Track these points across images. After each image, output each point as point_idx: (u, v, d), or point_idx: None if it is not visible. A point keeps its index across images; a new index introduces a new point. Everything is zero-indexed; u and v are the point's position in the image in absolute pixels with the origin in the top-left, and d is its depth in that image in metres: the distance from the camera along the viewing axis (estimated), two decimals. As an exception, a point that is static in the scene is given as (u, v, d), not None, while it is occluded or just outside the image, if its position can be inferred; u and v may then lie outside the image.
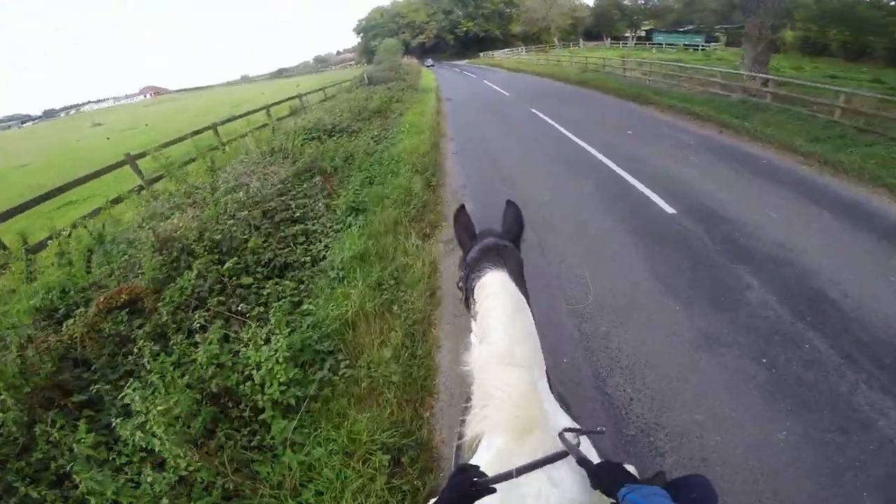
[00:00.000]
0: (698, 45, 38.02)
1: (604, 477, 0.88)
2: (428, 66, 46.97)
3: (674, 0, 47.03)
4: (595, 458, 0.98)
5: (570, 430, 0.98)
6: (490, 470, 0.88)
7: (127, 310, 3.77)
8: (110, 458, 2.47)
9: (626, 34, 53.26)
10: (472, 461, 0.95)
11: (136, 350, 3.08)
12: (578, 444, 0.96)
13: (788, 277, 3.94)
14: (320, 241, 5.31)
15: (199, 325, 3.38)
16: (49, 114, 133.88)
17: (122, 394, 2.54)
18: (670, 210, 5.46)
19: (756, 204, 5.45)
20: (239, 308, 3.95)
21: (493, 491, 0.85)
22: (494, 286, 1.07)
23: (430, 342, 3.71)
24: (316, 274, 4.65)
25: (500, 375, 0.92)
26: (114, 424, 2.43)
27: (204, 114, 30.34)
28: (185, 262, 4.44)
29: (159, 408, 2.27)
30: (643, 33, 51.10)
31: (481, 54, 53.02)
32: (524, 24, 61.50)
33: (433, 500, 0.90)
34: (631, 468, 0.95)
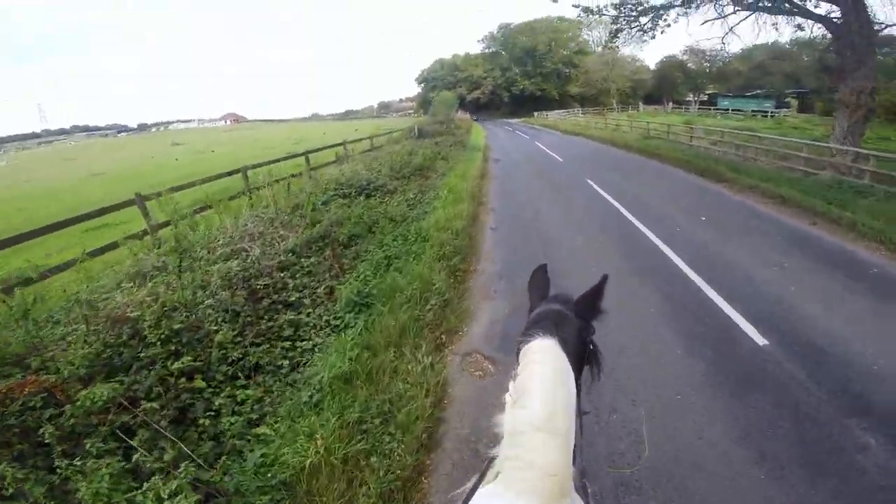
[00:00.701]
0: (767, 111, 36.04)
1: None
2: (474, 121, 48.06)
3: (740, 63, 44.91)
4: None
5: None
6: None
7: (45, 394, 3.06)
8: None
9: (689, 98, 51.87)
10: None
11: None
12: None
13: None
14: (309, 340, 4.42)
15: (95, 447, 2.57)
16: (142, 127, 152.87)
17: None
18: (761, 341, 4.17)
19: (873, 333, 4.16)
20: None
21: None
22: (539, 354, 1.00)
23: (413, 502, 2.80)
24: (290, 386, 3.77)
25: (536, 441, 0.86)
26: None
27: (268, 147, 32.49)
28: (132, 353, 3.65)
29: None
30: (705, 97, 49.58)
31: (535, 114, 53.18)
32: (583, 86, 61.23)
33: None
34: None
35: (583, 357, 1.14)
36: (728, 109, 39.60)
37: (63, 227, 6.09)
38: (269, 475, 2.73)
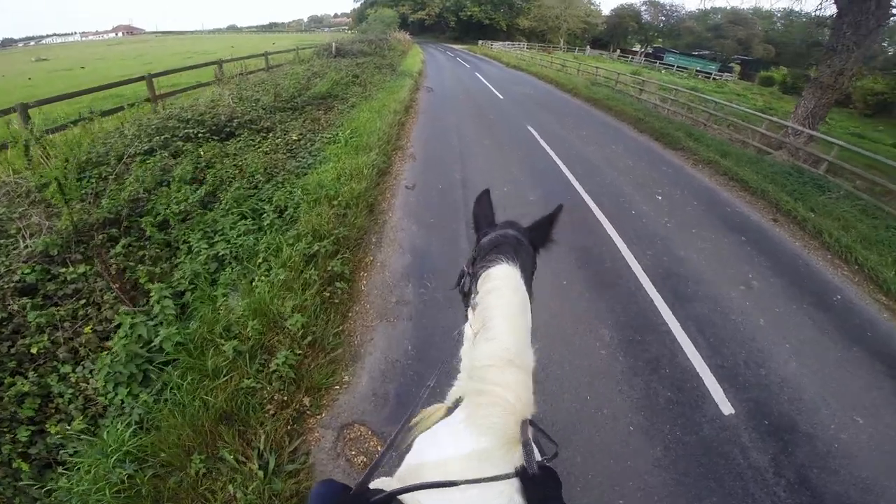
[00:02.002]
0: (711, 73, 35.91)
1: (536, 490, 0.78)
2: (415, 44, 42.90)
3: (697, 23, 44.19)
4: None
5: (531, 423, 0.83)
6: (461, 465, 0.77)
7: None
8: None
9: (636, 48, 51.20)
10: (426, 445, 0.89)
11: None
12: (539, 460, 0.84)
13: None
14: (63, 422, 2.40)
15: None
16: (7, 42, 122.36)
17: None
18: (727, 409, 3.18)
19: (837, 395, 3.41)
20: None
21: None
22: (503, 280, 0.93)
23: None
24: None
25: (507, 377, 0.79)
26: None
27: (150, 63, 26.85)
28: None
29: None
30: (650, 50, 49.11)
31: (480, 42, 49.23)
32: (534, 20, 58.16)
33: None
34: None
35: (530, 285, 1.04)
36: (674, 66, 39.04)
37: None
38: None
